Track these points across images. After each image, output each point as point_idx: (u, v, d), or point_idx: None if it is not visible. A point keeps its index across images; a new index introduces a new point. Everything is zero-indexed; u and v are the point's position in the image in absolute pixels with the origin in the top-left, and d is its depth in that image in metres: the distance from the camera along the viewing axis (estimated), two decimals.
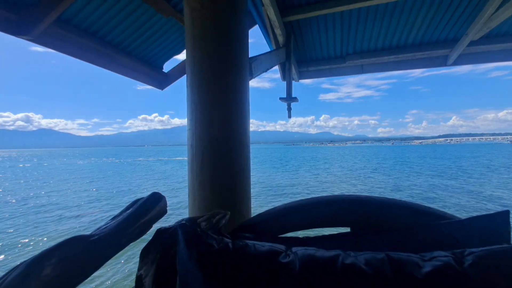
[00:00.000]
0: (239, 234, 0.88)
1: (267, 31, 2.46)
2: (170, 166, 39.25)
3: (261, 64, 1.80)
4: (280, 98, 2.74)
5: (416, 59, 3.11)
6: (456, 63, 2.98)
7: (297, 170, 28.98)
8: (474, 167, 28.55)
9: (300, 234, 0.90)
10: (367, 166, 33.00)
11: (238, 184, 1.35)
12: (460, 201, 12.44)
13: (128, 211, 0.72)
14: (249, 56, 1.57)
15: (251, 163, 1.53)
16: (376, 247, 0.72)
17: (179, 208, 12.03)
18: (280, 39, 2.48)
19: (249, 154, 1.44)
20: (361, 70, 3.36)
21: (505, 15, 2.05)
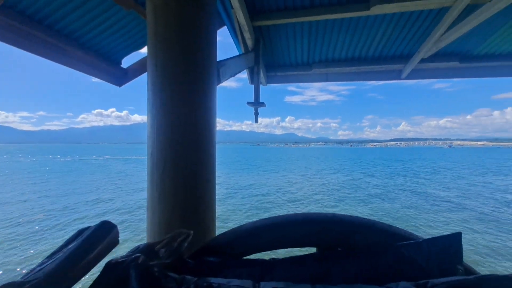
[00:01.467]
0: (202, 258, 0.82)
1: (236, 34, 2.41)
2: (132, 165, 36.70)
3: (229, 68, 1.74)
4: (248, 103, 2.70)
5: (375, 71, 3.33)
6: (408, 77, 3.25)
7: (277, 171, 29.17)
8: (423, 168, 32.08)
9: (267, 254, 0.87)
10: (341, 166, 34.89)
11: (203, 196, 1.27)
12: (412, 199, 13.80)
13: (70, 246, 0.60)
14: (218, 59, 1.51)
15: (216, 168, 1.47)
16: (343, 271, 0.72)
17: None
18: (249, 42, 2.44)
19: (214, 164, 1.37)
20: (326, 78, 3.49)
21: (451, 38, 2.28)
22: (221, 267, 0.79)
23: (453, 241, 0.70)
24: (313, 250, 0.88)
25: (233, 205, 12.39)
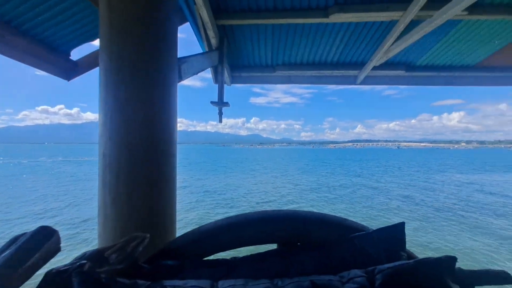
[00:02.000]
0: (159, 262, 0.78)
1: (199, 31, 2.35)
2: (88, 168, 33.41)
3: (192, 66, 1.69)
4: (211, 102, 2.66)
5: (334, 76, 3.54)
6: (362, 83, 3.52)
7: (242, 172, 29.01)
8: (376, 167, 34.96)
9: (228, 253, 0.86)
10: (308, 166, 36.12)
11: (162, 198, 1.21)
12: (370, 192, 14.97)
13: (3, 255, 0.53)
14: (179, 56, 1.46)
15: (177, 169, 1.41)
16: (302, 265, 0.75)
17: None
18: (213, 41, 2.41)
19: (175, 164, 1.32)
20: (289, 80, 3.61)
21: (398, 48, 2.52)
22: (180, 269, 0.77)
23: (397, 230, 0.77)
24: (274, 246, 0.90)
25: (207, 210, 12.03)
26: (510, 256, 6.62)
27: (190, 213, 10.98)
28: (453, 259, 0.61)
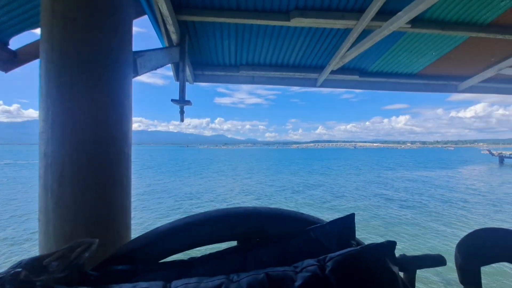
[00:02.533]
0: (109, 268, 0.72)
1: (159, 25, 2.25)
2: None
3: (149, 61, 1.61)
4: (172, 100, 2.56)
5: (296, 78, 3.67)
6: (322, 85, 3.72)
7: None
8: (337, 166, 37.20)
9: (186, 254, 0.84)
10: (274, 166, 36.78)
11: (114, 200, 1.13)
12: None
13: None
14: (134, 49, 1.38)
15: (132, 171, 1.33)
16: (260, 260, 0.76)
17: None
18: (174, 37, 2.32)
19: (129, 164, 1.24)
20: (252, 80, 3.64)
21: (353, 54, 2.72)
22: (132, 274, 0.72)
23: (348, 221, 0.82)
24: (235, 244, 0.90)
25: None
26: None
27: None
28: (393, 243, 0.69)
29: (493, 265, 1.06)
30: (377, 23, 2.27)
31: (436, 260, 1.03)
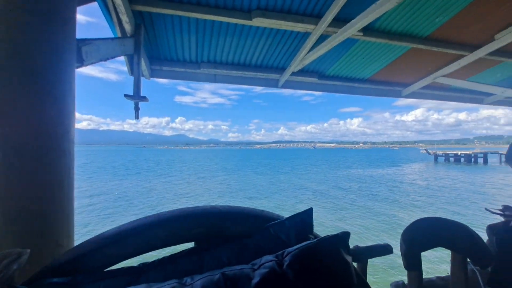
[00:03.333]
0: (43, 281, 0.63)
1: (110, 13, 2.06)
2: None
3: (97, 50, 1.46)
4: (126, 96, 2.36)
5: (258, 78, 3.69)
6: (283, 86, 3.80)
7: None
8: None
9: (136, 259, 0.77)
10: (239, 167, 37.13)
11: (52, 205, 1.00)
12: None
13: None
14: (78, 37, 1.23)
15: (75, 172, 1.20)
16: (218, 260, 0.73)
17: None
18: (128, 27, 2.15)
19: (72, 163, 1.11)
20: (214, 79, 3.57)
21: (312, 57, 2.83)
22: (71, 287, 0.64)
23: (306, 216, 0.84)
24: (192, 245, 0.85)
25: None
26: None
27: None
28: (347, 234, 0.72)
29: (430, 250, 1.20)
30: (333, 29, 2.40)
31: (385, 249, 1.12)
